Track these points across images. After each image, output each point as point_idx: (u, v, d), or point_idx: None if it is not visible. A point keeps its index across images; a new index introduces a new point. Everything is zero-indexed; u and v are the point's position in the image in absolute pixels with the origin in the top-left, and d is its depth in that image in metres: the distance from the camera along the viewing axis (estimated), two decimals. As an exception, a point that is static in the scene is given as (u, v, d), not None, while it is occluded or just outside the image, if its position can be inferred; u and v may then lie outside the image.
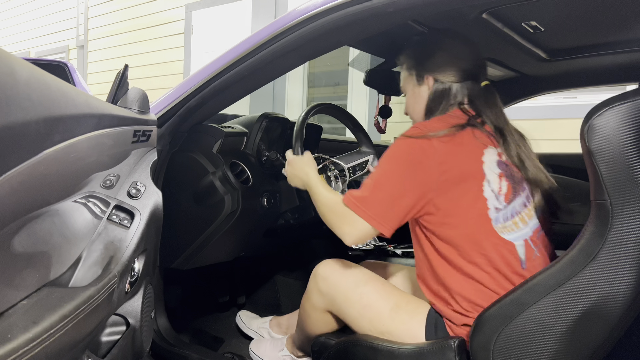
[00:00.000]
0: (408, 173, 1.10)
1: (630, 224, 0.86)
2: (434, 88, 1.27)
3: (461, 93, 1.25)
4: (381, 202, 1.11)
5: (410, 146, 1.12)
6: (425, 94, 1.29)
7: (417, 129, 1.16)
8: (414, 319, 1.17)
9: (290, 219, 1.72)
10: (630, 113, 0.85)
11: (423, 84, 1.29)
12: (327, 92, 5.17)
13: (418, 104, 1.32)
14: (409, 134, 1.15)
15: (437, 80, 1.26)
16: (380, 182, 1.13)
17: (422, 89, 1.30)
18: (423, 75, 1.29)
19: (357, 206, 1.12)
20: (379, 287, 1.24)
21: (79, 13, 7.30)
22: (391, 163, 1.14)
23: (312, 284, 1.34)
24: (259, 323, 1.77)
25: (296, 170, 1.38)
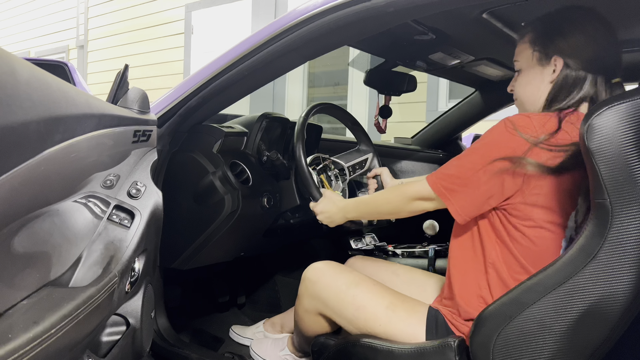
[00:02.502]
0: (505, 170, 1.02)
1: (629, 223, 0.86)
2: (564, 73, 1.08)
3: (591, 87, 1.07)
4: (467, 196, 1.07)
5: (513, 144, 1.02)
6: (548, 78, 1.10)
7: (526, 127, 1.02)
8: (412, 317, 1.17)
9: (290, 219, 1.72)
10: (630, 113, 0.85)
11: (548, 65, 1.10)
12: (327, 92, 5.17)
13: (537, 88, 1.12)
14: (517, 124, 1.02)
15: (567, 64, 1.07)
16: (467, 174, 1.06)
17: (545, 71, 1.11)
18: (551, 55, 1.09)
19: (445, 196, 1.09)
20: (371, 287, 1.23)
21: (79, 13, 7.30)
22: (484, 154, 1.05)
23: (303, 288, 1.33)
24: (252, 329, 1.77)
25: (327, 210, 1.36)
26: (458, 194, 1.07)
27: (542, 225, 1.04)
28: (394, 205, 1.21)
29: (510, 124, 1.03)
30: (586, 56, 1.06)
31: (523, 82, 1.15)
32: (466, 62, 1.77)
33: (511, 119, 1.04)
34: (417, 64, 1.81)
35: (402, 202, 1.18)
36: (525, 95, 1.15)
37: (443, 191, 1.09)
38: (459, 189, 1.07)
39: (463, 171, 1.07)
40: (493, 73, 1.98)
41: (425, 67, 1.84)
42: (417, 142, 2.61)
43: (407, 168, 2.36)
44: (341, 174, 1.69)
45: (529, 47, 1.13)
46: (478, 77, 2.05)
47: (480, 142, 1.08)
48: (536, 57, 1.12)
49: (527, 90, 1.15)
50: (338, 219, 1.36)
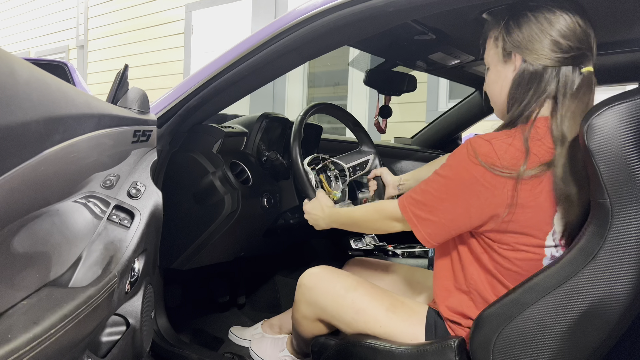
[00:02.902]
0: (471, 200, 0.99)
1: (629, 223, 0.86)
2: (521, 69, 1.01)
3: (554, 81, 0.99)
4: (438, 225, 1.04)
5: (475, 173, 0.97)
6: (510, 75, 1.04)
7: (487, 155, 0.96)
8: (412, 318, 1.17)
9: (290, 219, 1.72)
10: (630, 112, 0.85)
11: (509, 62, 1.04)
12: (327, 92, 5.17)
13: (501, 87, 1.07)
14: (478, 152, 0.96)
15: (525, 60, 1.01)
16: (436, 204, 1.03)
17: (507, 68, 1.05)
18: (510, 52, 1.03)
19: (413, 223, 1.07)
20: (369, 290, 1.23)
21: (79, 13, 7.30)
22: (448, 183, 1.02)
23: (299, 295, 1.31)
24: (251, 330, 1.76)
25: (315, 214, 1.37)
26: (425, 222, 1.05)
27: (520, 248, 1.02)
28: (371, 223, 1.22)
29: (473, 153, 0.98)
30: (542, 48, 0.98)
31: (491, 80, 1.10)
32: (466, 62, 1.77)
33: (473, 144, 0.98)
34: (417, 64, 1.81)
35: (379, 221, 1.19)
36: (494, 94, 1.10)
37: (411, 217, 1.07)
38: (426, 216, 1.05)
39: (429, 198, 1.05)
40: (493, 73, 1.98)
41: (425, 67, 1.84)
42: (417, 142, 2.61)
43: (407, 168, 2.36)
44: (341, 175, 1.69)
45: (493, 44, 1.08)
46: (478, 77, 2.05)
47: (444, 169, 1.03)
48: (499, 55, 1.06)
49: (495, 89, 1.09)
50: (323, 224, 1.36)
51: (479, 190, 0.98)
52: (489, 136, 1.00)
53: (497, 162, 0.95)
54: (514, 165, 0.95)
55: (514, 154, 0.96)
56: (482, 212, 0.99)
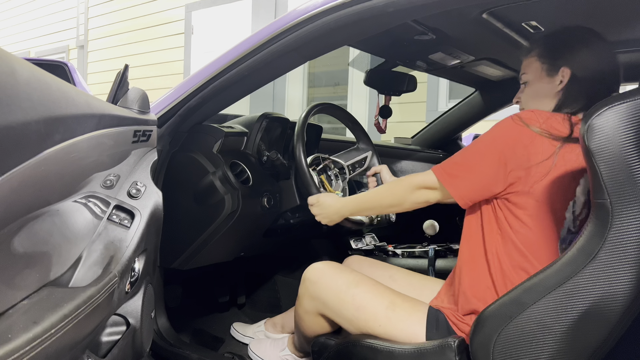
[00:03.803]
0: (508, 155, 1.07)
1: (630, 223, 0.85)
2: (571, 83, 1.13)
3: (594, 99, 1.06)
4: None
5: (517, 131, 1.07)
6: (555, 89, 1.15)
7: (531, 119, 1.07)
8: (412, 316, 1.17)
9: (290, 219, 1.72)
10: (630, 113, 0.85)
11: (556, 76, 1.15)
12: (327, 92, 5.17)
13: (544, 99, 1.17)
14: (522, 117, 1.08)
15: (575, 75, 1.13)
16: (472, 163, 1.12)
17: (553, 82, 1.16)
18: (559, 67, 1.14)
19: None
20: (371, 287, 1.23)
21: (79, 13, 7.30)
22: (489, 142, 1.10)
23: (303, 289, 1.33)
24: (253, 328, 1.77)
25: (324, 209, 1.37)
26: (460, 179, 1.11)
27: (540, 214, 1.07)
28: (397, 196, 1.23)
29: (518, 118, 1.08)
30: (591, 68, 1.12)
31: (530, 93, 1.20)
32: (466, 62, 1.77)
33: (519, 113, 1.10)
34: (417, 64, 1.81)
35: (406, 192, 1.20)
36: (533, 104, 1.19)
37: (446, 177, 1.13)
38: (461, 175, 1.11)
39: (467, 158, 1.12)
40: (493, 73, 1.98)
41: (425, 67, 1.84)
42: (417, 142, 2.61)
43: (407, 168, 2.36)
44: (341, 173, 1.69)
45: (537, 61, 1.18)
46: (478, 77, 2.05)
47: (487, 133, 1.11)
48: (545, 70, 1.16)
49: (535, 102, 1.18)
50: (337, 217, 1.37)
51: (516, 145, 1.06)
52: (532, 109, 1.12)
53: (541, 125, 1.06)
54: (553, 129, 1.06)
55: (555, 120, 1.08)
56: (516, 167, 1.06)
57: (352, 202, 1.33)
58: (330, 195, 1.39)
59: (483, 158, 1.09)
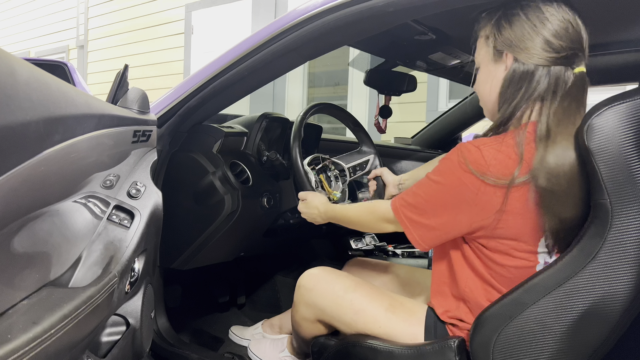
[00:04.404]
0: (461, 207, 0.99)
1: (629, 223, 0.85)
2: (512, 69, 1.00)
3: (546, 81, 0.98)
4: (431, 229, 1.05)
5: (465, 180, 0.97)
6: (500, 75, 1.03)
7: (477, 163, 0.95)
8: (411, 318, 1.17)
9: (290, 219, 1.72)
10: (630, 112, 0.85)
11: (500, 61, 1.03)
12: (327, 92, 5.17)
13: (491, 86, 1.06)
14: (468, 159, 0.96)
15: (517, 59, 1.00)
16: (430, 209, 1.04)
17: (497, 68, 1.04)
18: (502, 51, 1.02)
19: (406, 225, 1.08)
20: (368, 291, 1.23)
21: (79, 13, 7.30)
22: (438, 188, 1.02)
23: (298, 296, 1.31)
24: (251, 330, 1.76)
25: (309, 208, 1.38)
26: (417, 224, 1.06)
27: (512, 254, 1.02)
28: (365, 223, 1.23)
29: (462, 158, 0.98)
30: (534, 47, 0.97)
31: (481, 79, 1.10)
32: (466, 62, 1.77)
33: (463, 151, 0.98)
34: (417, 64, 1.81)
35: (372, 221, 1.19)
36: (484, 94, 1.09)
37: (404, 219, 1.08)
38: (417, 219, 1.05)
39: (420, 202, 1.05)
40: (493, 73, 1.98)
41: (425, 67, 1.84)
42: (417, 142, 2.61)
43: (407, 168, 2.36)
44: (341, 175, 1.69)
45: (484, 42, 1.08)
46: (478, 77, 2.04)
47: (435, 174, 1.03)
48: (490, 54, 1.05)
49: (485, 89, 1.09)
50: (320, 220, 1.38)
51: (468, 197, 0.98)
52: (478, 142, 0.99)
53: (486, 170, 0.95)
54: (503, 172, 0.95)
55: (503, 160, 0.95)
56: (472, 219, 1.00)
57: (333, 212, 1.32)
58: (319, 196, 1.38)
59: (434, 205, 1.02)
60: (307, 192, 1.41)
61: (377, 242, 2.11)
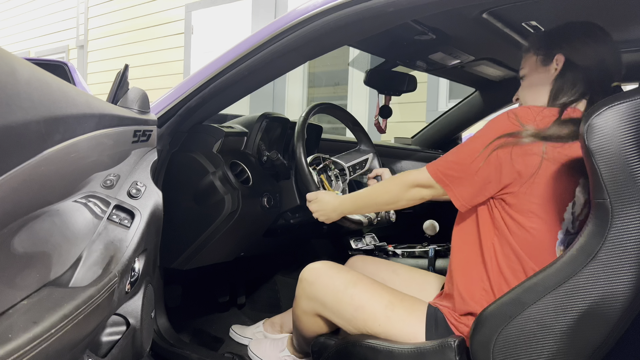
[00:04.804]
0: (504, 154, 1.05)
1: (630, 223, 0.86)
2: (565, 70, 1.10)
3: (590, 86, 1.09)
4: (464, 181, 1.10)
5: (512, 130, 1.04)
6: (551, 76, 1.13)
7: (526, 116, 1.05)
8: (411, 316, 1.17)
9: (290, 219, 1.72)
10: (630, 112, 0.85)
11: (551, 64, 1.13)
12: (327, 92, 5.17)
13: (540, 88, 1.15)
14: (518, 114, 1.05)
15: (569, 60, 1.10)
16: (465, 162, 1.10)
17: (548, 70, 1.14)
18: (553, 54, 1.12)
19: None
20: (369, 287, 1.23)
21: (79, 13, 7.30)
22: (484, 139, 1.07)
23: (300, 289, 1.32)
24: (252, 329, 1.77)
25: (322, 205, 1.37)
26: (457, 180, 1.09)
27: (538, 215, 1.05)
28: (392, 194, 1.22)
29: (513, 115, 1.06)
30: (587, 55, 1.09)
31: (527, 86, 1.18)
32: (466, 62, 1.77)
33: (514, 110, 1.07)
34: (417, 64, 1.81)
35: (401, 190, 1.19)
36: (530, 97, 1.17)
37: (442, 177, 1.11)
38: (457, 175, 1.09)
39: (462, 157, 1.09)
40: (493, 73, 1.98)
41: (425, 67, 1.84)
42: (417, 142, 2.61)
43: (407, 168, 2.36)
44: (341, 174, 1.69)
45: (533, 54, 1.17)
46: (478, 77, 2.05)
47: (481, 131, 1.09)
48: (539, 60, 1.15)
49: (532, 92, 1.17)
50: (335, 215, 1.37)
51: (512, 144, 1.03)
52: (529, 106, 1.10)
53: (533, 123, 1.03)
54: (546, 125, 1.03)
55: (547, 114, 1.05)
56: (512, 167, 1.04)
57: (349, 199, 1.33)
58: (329, 192, 1.39)
59: (478, 157, 1.07)
60: (315, 192, 1.41)
61: (377, 242, 2.11)
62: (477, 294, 1.12)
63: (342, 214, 1.36)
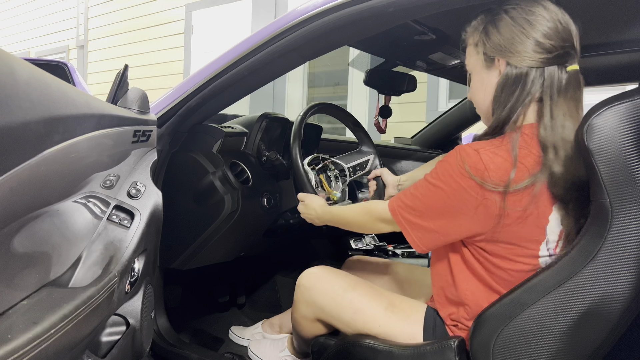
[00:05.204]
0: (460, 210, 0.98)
1: (629, 223, 0.85)
2: (505, 73, 0.99)
3: (540, 82, 0.97)
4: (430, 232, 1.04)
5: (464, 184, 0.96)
6: (494, 81, 1.02)
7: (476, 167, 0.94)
8: (410, 317, 1.17)
9: (290, 219, 1.72)
10: (630, 112, 0.85)
11: (493, 67, 1.03)
12: (327, 92, 5.17)
13: (484, 93, 1.06)
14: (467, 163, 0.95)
15: (509, 63, 0.99)
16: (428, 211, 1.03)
17: (491, 74, 1.03)
18: (493, 57, 1.02)
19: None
20: (367, 290, 1.23)
21: (79, 13, 7.30)
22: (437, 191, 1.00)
23: (298, 295, 1.32)
24: (251, 330, 1.77)
25: (308, 210, 1.37)
26: (415, 226, 1.04)
27: (514, 259, 1.01)
28: (361, 223, 1.22)
29: (461, 161, 0.96)
30: (525, 50, 0.97)
31: (474, 87, 1.10)
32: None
33: (461, 154, 0.97)
34: (417, 64, 1.81)
35: (368, 222, 1.19)
36: (479, 100, 1.09)
37: (401, 220, 1.07)
38: (415, 221, 1.04)
39: (418, 204, 1.04)
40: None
41: (425, 67, 1.84)
42: (417, 142, 2.61)
43: (407, 168, 2.36)
44: (341, 175, 1.69)
45: (474, 50, 1.07)
46: (478, 77, 2.04)
47: (433, 177, 1.02)
48: (481, 61, 1.05)
49: (479, 96, 1.08)
50: (318, 222, 1.37)
51: (467, 200, 0.97)
52: (476, 146, 0.98)
53: (485, 175, 0.94)
54: (501, 177, 0.94)
55: (501, 164, 0.94)
56: (470, 223, 0.99)
57: (330, 214, 1.32)
58: (317, 199, 1.38)
59: (432, 207, 1.01)
60: (306, 194, 1.41)
61: (377, 242, 2.11)
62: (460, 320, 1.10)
63: (325, 223, 1.36)
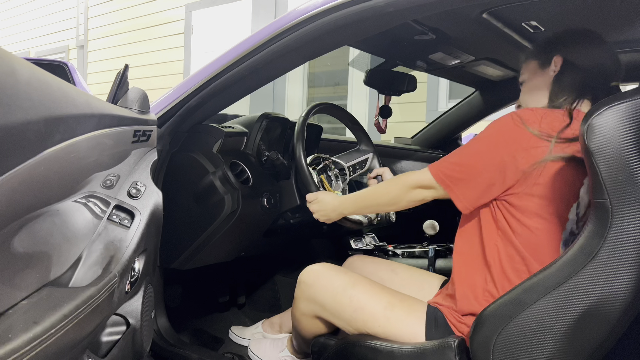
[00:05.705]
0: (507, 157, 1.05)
1: (629, 223, 0.86)
2: (564, 71, 1.11)
3: (587, 84, 1.09)
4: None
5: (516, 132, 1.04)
6: (549, 78, 1.14)
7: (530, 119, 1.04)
8: (410, 316, 1.17)
9: (290, 219, 1.72)
10: (630, 112, 0.85)
11: (549, 66, 1.14)
12: (327, 92, 5.17)
13: (540, 91, 1.16)
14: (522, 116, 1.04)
15: (567, 61, 1.11)
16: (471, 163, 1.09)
17: (547, 73, 1.15)
18: (551, 57, 1.13)
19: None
20: (368, 288, 1.23)
21: (79, 13, 7.30)
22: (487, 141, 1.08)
23: (299, 291, 1.32)
24: (251, 330, 1.77)
25: (323, 206, 1.37)
26: (459, 182, 1.09)
27: (542, 215, 1.05)
28: (393, 195, 1.22)
29: (518, 117, 1.05)
30: (584, 56, 1.10)
31: (527, 89, 1.20)
32: (466, 62, 1.77)
33: (517, 112, 1.06)
34: (417, 64, 1.81)
35: (402, 191, 1.19)
36: (531, 100, 1.18)
37: (444, 179, 1.10)
38: (460, 177, 1.09)
39: (465, 159, 1.09)
40: (493, 73, 1.99)
41: (425, 67, 1.84)
42: (417, 142, 2.61)
43: (407, 168, 2.36)
44: (341, 174, 1.69)
45: (532, 60, 1.20)
46: (478, 77, 2.05)
47: (485, 132, 1.09)
48: (538, 64, 1.17)
49: (532, 96, 1.18)
50: (334, 215, 1.36)
51: (516, 147, 1.03)
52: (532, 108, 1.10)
53: (537, 125, 1.03)
54: (552, 129, 1.02)
55: (555, 117, 1.04)
56: (516, 169, 1.03)
57: (349, 200, 1.33)
58: (328, 193, 1.39)
59: (481, 159, 1.07)
60: (315, 193, 1.41)
61: (377, 242, 2.11)
62: (480, 295, 1.12)
63: (342, 214, 1.36)
